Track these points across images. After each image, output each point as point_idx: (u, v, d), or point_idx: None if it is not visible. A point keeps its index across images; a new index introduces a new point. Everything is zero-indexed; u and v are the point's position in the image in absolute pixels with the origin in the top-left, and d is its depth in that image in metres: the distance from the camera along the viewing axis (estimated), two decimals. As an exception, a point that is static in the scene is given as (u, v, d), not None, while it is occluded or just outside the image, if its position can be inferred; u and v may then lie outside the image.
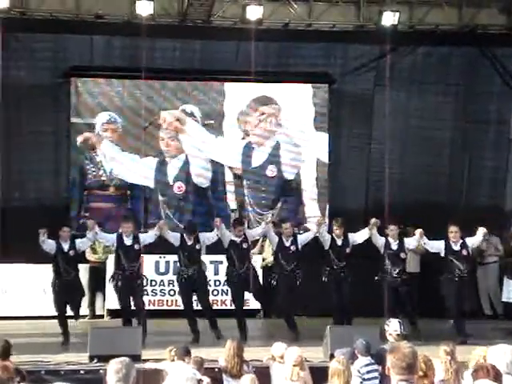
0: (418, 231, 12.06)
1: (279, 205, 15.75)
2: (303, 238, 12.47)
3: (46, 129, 14.99)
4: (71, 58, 15.04)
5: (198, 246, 12.06)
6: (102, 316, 14.12)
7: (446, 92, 15.98)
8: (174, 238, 12.09)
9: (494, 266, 14.58)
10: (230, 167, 15.67)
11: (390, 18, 14.47)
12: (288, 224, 12.49)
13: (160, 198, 15.39)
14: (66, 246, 11.72)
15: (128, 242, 11.85)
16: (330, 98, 15.74)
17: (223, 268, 12.98)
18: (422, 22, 15.33)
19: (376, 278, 12.03)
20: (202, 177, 15.56)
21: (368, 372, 7.76)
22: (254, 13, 14.26)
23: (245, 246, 12.15)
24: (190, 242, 11.99)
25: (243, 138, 15.72)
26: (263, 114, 15.77)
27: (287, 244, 12.24)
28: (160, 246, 12.76)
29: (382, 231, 12.21)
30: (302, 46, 15.60)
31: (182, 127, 15.49)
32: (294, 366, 7.91)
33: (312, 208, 15.76)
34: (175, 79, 15.53)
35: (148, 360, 9.33)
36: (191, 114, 15.58)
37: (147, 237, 12.20)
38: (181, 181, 15.45)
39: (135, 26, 14.18)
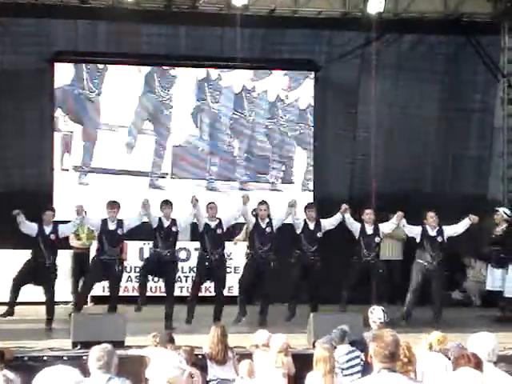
0: (397, 214, 12.12)
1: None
2: (277, 221, 12.20)
3: (30, 114, 14.81)
4: (55, 43, 14.88)
5: (174, 229, 11.85)
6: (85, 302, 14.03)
7: (431, 80, 15.95)
8: (153, 219, 11.89)
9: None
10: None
11: (375, 6, 14.44)
12: (265, 205, 12.17)
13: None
14: (47, 230, 11.62)
15: (112, 226, 11.79)
16: (315, 85, 15.72)
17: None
18: (408, 10, 15.32)
19: (352, 259, 12.11)
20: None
21: (348, 361, 7.76)
22: (239, -1, 14.23)
23: (219, 231, 11.93)
24: (166, 224, 11.81)
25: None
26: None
27: (263, 226, 12.04)
28: (145, 233, 12.73)
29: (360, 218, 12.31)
30: (288, 33, 15.55)
31: None
32: (279, 352, 7.96)
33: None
34: (160, 65, 15.41)
35: (131, 346, 9.34)
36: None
37: (132, 220, 12.02)
38: None
39: (120, 11, 14.10)
